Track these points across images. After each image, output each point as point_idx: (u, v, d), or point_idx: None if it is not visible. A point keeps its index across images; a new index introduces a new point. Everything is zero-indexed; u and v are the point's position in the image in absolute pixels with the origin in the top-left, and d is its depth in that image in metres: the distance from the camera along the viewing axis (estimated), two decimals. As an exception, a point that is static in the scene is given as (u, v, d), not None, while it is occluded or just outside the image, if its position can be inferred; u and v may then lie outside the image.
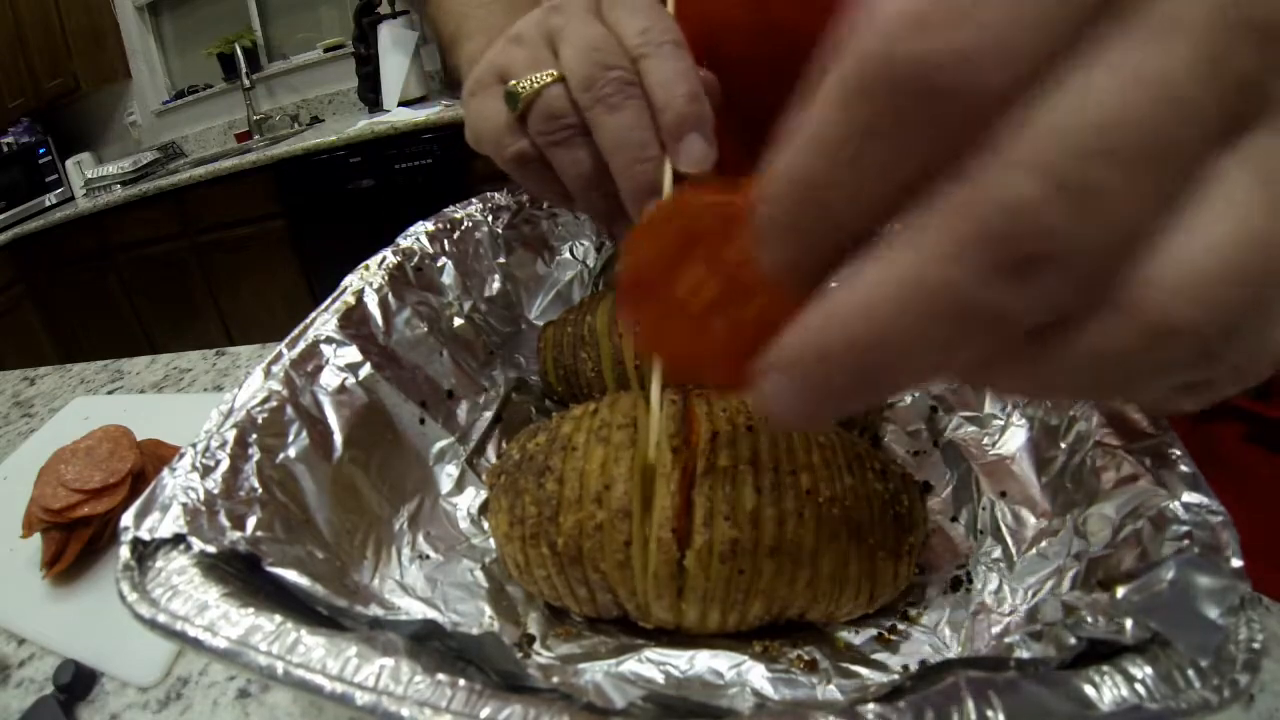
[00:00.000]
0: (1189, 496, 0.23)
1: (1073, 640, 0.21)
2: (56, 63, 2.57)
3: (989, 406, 0.34)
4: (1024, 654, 0.23)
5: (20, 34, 2.50)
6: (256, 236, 2.43)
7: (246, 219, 2.40)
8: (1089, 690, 0.19)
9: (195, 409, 0.31)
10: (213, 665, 0.34)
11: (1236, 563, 0.21)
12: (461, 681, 0.21)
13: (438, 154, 2.13)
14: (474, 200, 0.51)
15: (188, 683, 0.33)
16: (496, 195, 0.51)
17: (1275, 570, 0.32)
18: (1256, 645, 0.20)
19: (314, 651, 0.21)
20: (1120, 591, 0.21)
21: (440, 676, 0.21)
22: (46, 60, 2.56)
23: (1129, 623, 0.20)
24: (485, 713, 0.20)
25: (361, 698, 0.20)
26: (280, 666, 0.20)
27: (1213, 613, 0.20)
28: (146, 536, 0.22)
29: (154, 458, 0.52)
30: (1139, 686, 0.19)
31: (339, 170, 2.25)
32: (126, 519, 0.23)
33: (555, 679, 0.22)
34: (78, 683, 0.33)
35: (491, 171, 0.35)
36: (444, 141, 2.11)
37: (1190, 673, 0.19)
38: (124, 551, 0.22)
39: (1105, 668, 0.20)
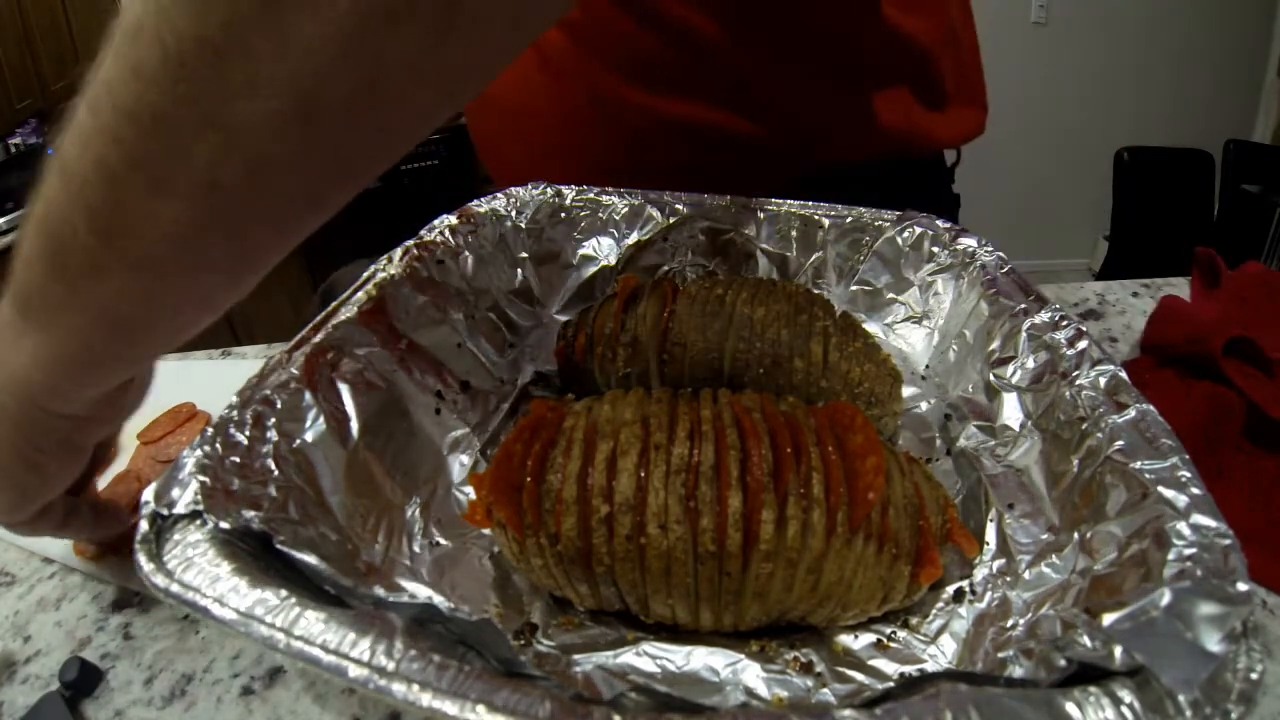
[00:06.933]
0: (1197, 519, 0.23)
1: (1062, 662, 0.21)
2: (64, 64, 2.53)
3: (1003, 417, 0.34)
4: (1016, 671, 0.23)
5: (28, 35, 2.47)
6: (263, 237, 2.44)
7: (253, 220, 2.42)
8: (1072, 709, 0.19)
9: (245, 375, 0.32)
10: (216, 663, 0.34)
11: (1243, 586, 0.21)
12: (452, 662, 0.21)
13: (444, 156, 2.15)
14: (498, 195, 0.52)
15: (191, 680, 0.33)
16: (520, 191, 0.52)
17: (1269, 560, 0.32)
18: (1254, 675, 0.19)
19: (314, 626, 0.22)
20: (1108, 619, 0.20)
21: (433, 656, 0.21)
22: (54, 61, 2.52)
23: (1118, 649, 0.19)
24: (473, 694, 0.21)
25: (354, 671, 0.20)
26: (282, 638, 0.21)
27: (1212, 639, 0.19)
28: (165, 511, 0.24)
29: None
30: (1125, 710, 0.19)
31: (345, 171, 2.28)
32: (147, 494, 0.24)
33: (548, 668, 0.23)
34: (83, 679, 0.32)
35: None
36: (450, 144, 2.13)
37: (1181, 699, 0.19)
38: (143, 524, 0.23)
39: (1093, 689, 0.19)
